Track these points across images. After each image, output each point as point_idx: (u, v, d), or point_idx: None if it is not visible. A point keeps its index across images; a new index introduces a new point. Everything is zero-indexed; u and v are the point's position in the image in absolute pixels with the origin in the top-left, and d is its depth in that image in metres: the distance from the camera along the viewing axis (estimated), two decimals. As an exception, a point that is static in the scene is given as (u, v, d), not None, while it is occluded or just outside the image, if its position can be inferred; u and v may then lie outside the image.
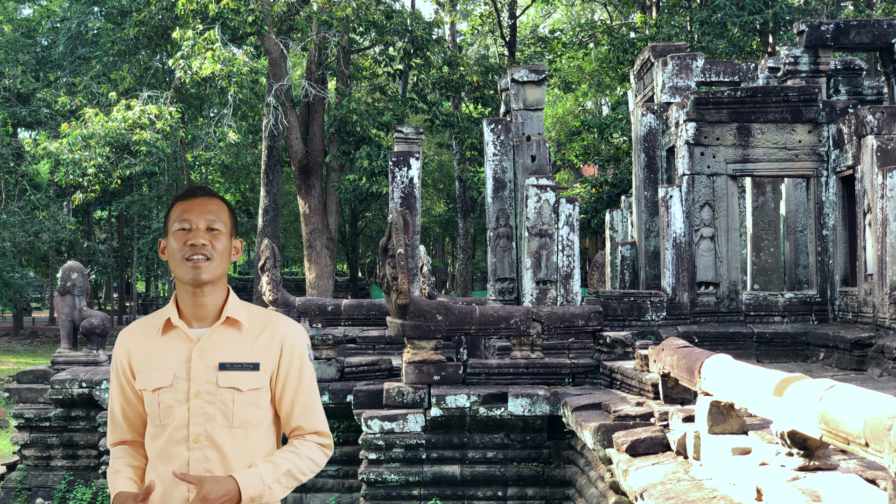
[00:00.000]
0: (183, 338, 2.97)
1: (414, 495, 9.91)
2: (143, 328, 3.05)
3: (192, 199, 2.98)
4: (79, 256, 31.79)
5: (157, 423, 2.95)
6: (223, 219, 2.99)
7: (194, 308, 2.99)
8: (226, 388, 2.92)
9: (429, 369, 10.18)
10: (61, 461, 12.28)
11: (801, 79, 15.57)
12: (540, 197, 13.64)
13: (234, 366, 2.93)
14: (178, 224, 2.95)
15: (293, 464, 2.95)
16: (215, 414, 2.91)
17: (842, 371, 11.60)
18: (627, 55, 26.46)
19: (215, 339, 2.97)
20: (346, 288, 38.29)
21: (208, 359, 2.94)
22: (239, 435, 2.93)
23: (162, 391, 2.93)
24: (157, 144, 21.27)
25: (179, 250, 2.93)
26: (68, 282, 12.99)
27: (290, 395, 3.01)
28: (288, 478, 2.93)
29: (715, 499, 5.22)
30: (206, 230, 2.95)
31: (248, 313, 3.04)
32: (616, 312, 13.36)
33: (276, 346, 3.00)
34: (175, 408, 2.92)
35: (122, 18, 27.76)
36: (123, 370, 3.02)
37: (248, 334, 2.99)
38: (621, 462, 6.86)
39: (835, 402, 3.89)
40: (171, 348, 2.96)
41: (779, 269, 16.51)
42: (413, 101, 25.71)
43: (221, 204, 3.01)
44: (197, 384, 2.92)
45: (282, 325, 3.05)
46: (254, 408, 2.95)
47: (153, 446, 2.97)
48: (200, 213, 2.96)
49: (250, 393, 2.94)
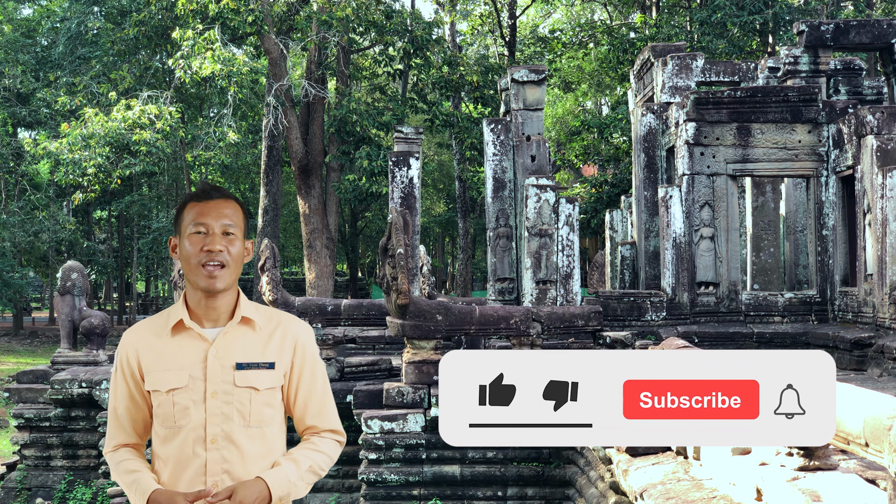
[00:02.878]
0: (196, 338, 2.95)
1: (414, 495, 9.92)
2: (152, 328, 3.02)
3: (209, 200, 2.94)
4: (79, 256, 31.77)
5: (171, 424, 2.92)
6: (238, 222, 2.97)
7: (206, 310, 2.98)
8: (243, 388, 2.92)
9: (429, 369, 10.18)
10: (61, 461, 12.28)
11: (801, 79, 15.57)
12: (540, 197, 13.64)
13: (250, 365, 2.94)
14: (193, 227, 2.92)
15: (313, 460, 2.98)
16: (232, 414, 2.91)
17: (842, 371, 11.61)
18: (627, 55, 26.46)
19: (230, 339, 2.96)
20: (346, 288, 38.28)
21: (224, 358, 2.93)
22: (255, 434, 2.94)
23: (177, 392, 2.91)
24: (157, 144, 21.26)
25: (195, 255, 2.91)
26: (68, 282, 12.99)
27: (304, 394, 3.03)
28: (309, 474, 2.97)
29: (715, 499, 5.22)
30: (223, 235, 2.92)
31: (260, 313, 3.04)
32: (616, 312, 13.36)
33: (290, 345, 3.00)
34: (191, 408, 2.91)
35: (122, 18, 27.75)
36: (131, 371, 2.98)
37: (261, 333, 2.99)
38: (621, 462, 6.86)
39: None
40: (183, 349, 2.95)
41: (779, 269, 16.51)
42: (413, 101, 25.70)
43: (237, 207, 2.98)
44: (213, 384, 2.91)
45: (293, 324, 3.06)
46: (269, 407, 2.97)
47: (164, 448, 2.94)
48: (217, 217, 2.92)
49: (266, 392, 2.95)
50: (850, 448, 3.91)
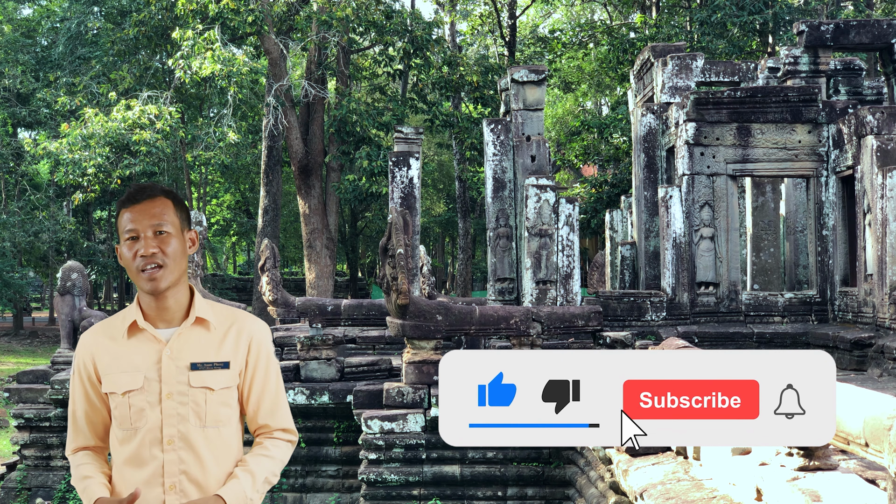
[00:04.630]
0: (150, 339, 2.94)
1: (414, 495, 9.92)
2: (107, 330, 3.00)
3: (135, 204, 2.90)
4: (79, 256, 31.74)
5: (128, 426, 2.91)
6: (170, 219, 2.92)
7: (159, 311, 2.96)
8: (198, 388, 2.91)
9: (429, 369, 10.18)
10: (61, 461, 12.27)
11: (801, 79, 15.57)
12: (540, 197, 13.64)
13: (205, 365, 2.92)
14: (126, 233, 2.89)
15: (268, 470, 2.98)
16: (188, 414, 2.90)
17: (842, 371, 11.61)
18: (627, 55, 26.46)
19: (184, 340, 2.95)
20: (346, 288, 38.27)
21: (179, 359, 2.92)
22: (212, 434, 2.93)
23: (132, 394, 2.90)
24: (157, 144, 21.26)
25: (132, 261, 2.88)
26: (68, 282, 12.99)
27: (257, 392, 3.01)
28: (265, 484, 2.97)
29: (715, 499, 5.22)
30: (154, 235, 2.89)
31: (215, 311, 3.02)
32: (616, 312, 13.36)
33: (244, 344, 2.99)
34: (147, 410, 2.89)
35: (122, 18, 27.74)
36: (88, 374, 2.97)
37: (216, 333, 2.98)
38: (621, 462, 6.86)
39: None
40: (138, 350, 2.93)
41: (779, 269, 16.51)
42: (413, 101, 25.70)
43: (166, 202, 2.92)
44: (168, 385, 2.90)
45: (248, 322, 3.04)
46: (225, 406, 2.96)
47: (122, 450, 2.93)
48: (147, 219, 2.89)
49: (222, 392, 2.94)
50: (850, 448, 3.91)
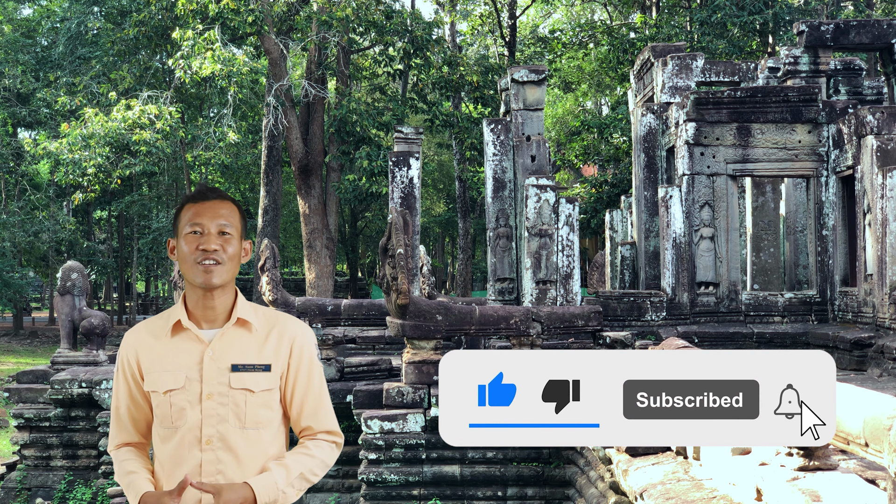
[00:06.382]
0: (193, 339, 2.98)
1: (414, 495, 9.92)
2: (151, 329, 3.04)
3: (204, 201, 2.98)
4: (79, 256, 31.76)
5: (169, 424, 2.95)
6: (234, 223, 3.00)
7: (204, 310, 3.00)
8: (238, 390, 2.94)
9: (429, 369, 10.18)
10: (61, 461, 12.28)
11: (801, 79, 15.57)
12: (540, 197, 13.64)
13: (245, 367, 2.95)
14: (189, 227, 2.96)
15: (305, 466, 2.97)
16: (228, 415, 2.93)
17: (842, 371, 11.61)
18: (627, 55, 26.46)
19: (226, 341, 2.98)
20: (345, 288, 38.27)
21: (220, 360, 2.95)
22: (251, 436, 2.95)
23: (174, 393, 2.94)
24: (157, 144, 21.25)
25: (191, 254, 2.94)
26: (68, 282, 12.99)
27: (300, 395, 3.03)
28: (300, 480, 2.96)
29: (715, 499, 5.22)
30: (218, 234, 2.95)
31: (257, 314, 3.05)
32: (616, 312, 13.36)
33: (286, 347, 3.01)
34: (187, 409, 2.93)
35: (122, 18, 27.73)
36: (132, 371, 3.01)
37: (258, 335, 3.00)
38: (621, 462, 6.86)
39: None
40: (181, 350, 2.97)
41: (779, 269, 16.51)
42: (413, 101, 25.70)
43: (233, 207, 3.02)
44: (209, 386, 2.93)
45: (290, 325, 3.06)
46: (265, 408, 2.97)
47: (164, 448, 2.97)
48: (212, 217, 2.96)
49: (262, 394, 2.96)
50: (850, 448, 3.91)
